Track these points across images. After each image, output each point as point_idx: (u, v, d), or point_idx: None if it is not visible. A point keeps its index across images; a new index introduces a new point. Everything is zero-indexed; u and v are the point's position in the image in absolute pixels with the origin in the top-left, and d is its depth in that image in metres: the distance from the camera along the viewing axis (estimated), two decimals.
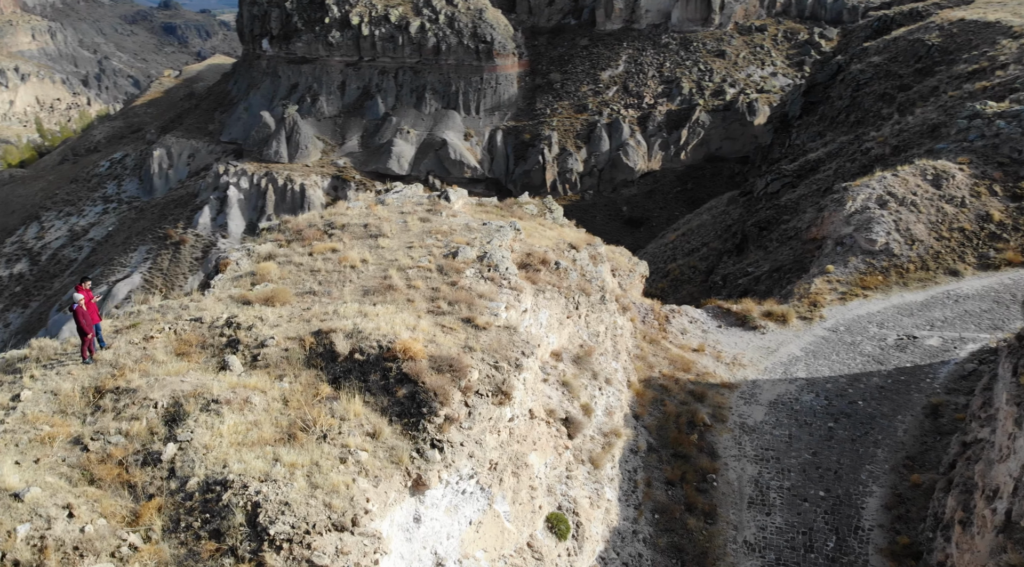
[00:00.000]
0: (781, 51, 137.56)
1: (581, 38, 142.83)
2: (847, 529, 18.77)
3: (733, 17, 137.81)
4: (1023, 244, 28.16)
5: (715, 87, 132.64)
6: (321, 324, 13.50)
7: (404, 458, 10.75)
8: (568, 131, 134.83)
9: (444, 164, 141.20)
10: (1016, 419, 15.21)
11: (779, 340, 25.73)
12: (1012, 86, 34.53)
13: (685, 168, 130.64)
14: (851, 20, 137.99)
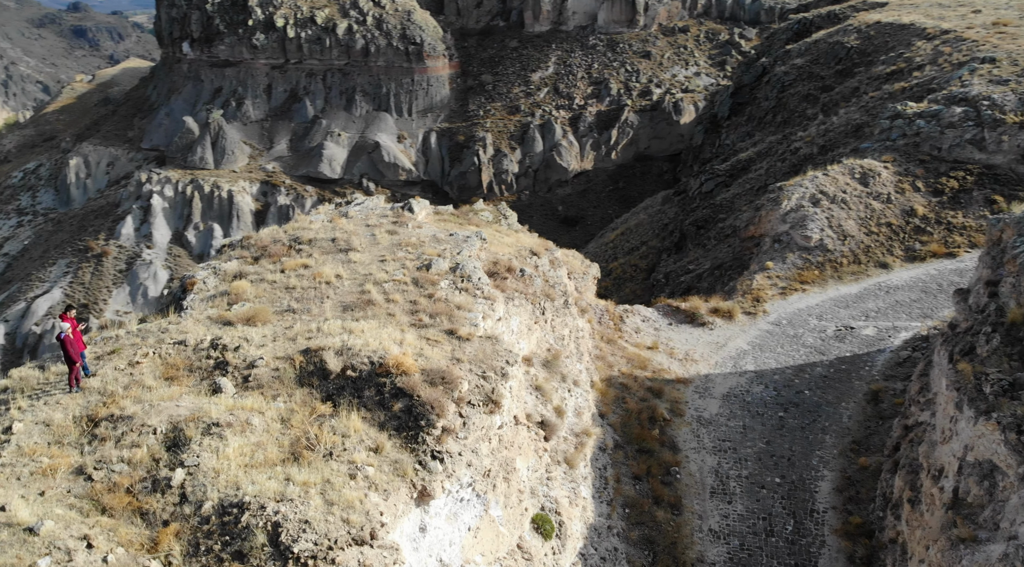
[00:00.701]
0: (704, 51, 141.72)
1: (510, 40, 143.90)
2: (803, 512, 20.00)
3: (657, 19, 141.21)
4: (945, 237, 30.29)
5: (642, 87, 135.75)
6: (308, 342, 13.72)
7: (408, 471, 11.15)
8: (502, 132, 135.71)
9: (378, 167, 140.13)
10: (957, 403, 16.59)
11: (727, 335, 27.00)
12: (929, 86, 36.98)
13: (616, 167, 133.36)
14: (768, 21, 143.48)
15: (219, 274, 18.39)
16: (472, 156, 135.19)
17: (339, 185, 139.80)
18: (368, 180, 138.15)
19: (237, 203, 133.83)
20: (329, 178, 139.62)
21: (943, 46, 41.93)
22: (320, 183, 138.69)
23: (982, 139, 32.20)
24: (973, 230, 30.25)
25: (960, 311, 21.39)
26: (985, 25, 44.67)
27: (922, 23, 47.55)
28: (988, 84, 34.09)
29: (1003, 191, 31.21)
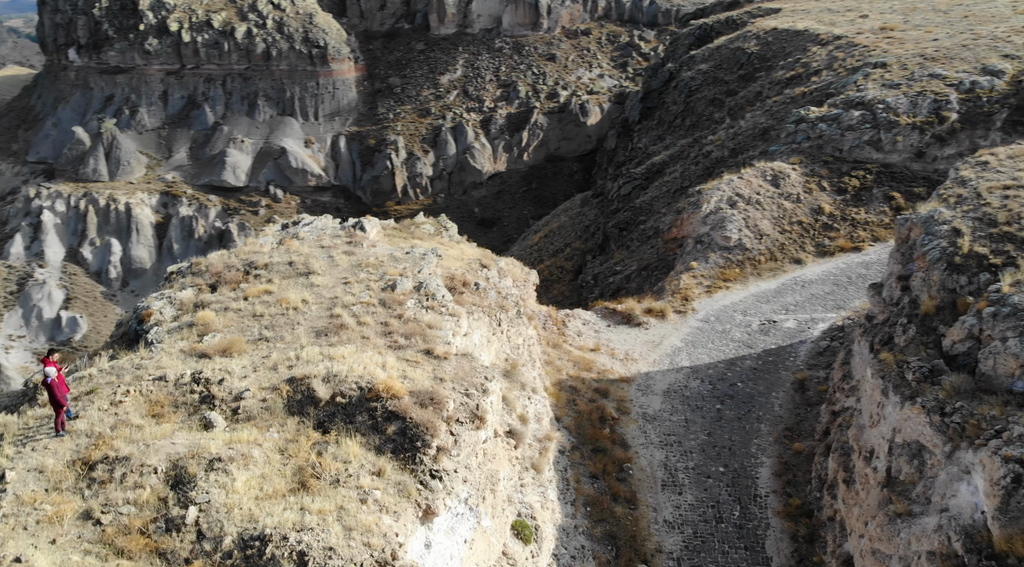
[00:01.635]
0: (606, 54, 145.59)
1: (417, 42, 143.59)
2: (747, 498, 21.56)
3: (560, 21, 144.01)
4: (851, 232, 32.88)
5: (549, 90, 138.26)
6: (290, 371, 13.98)
7: (412, 491, 11.68)
8: (414, 135, 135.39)
9: (285, 173, 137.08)
10: (883, 390, 18.40)
11: (661, 334, 28.51)
12: (828, 91, 39.87)
13: (529, 168, 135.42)
14: (665, 23, 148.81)
15: (175, 304, 18.23)
16: (384, 160, 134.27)
17: (245, 193, 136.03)
18: (275, 187, 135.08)
19: (136, 216, 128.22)
20: (234, 186, 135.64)
21: (837, 51, 45.22)
22: (224, 192, 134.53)
23: (879, 140, 35.13)
24: (875, 225, 32.99)
25: (875, 304, 23.52)
26: (873, 30, 48.39)
27: (815, 29, 51.00)
28: (881, 88, 37.18)
29: (899, 188, 34.18)
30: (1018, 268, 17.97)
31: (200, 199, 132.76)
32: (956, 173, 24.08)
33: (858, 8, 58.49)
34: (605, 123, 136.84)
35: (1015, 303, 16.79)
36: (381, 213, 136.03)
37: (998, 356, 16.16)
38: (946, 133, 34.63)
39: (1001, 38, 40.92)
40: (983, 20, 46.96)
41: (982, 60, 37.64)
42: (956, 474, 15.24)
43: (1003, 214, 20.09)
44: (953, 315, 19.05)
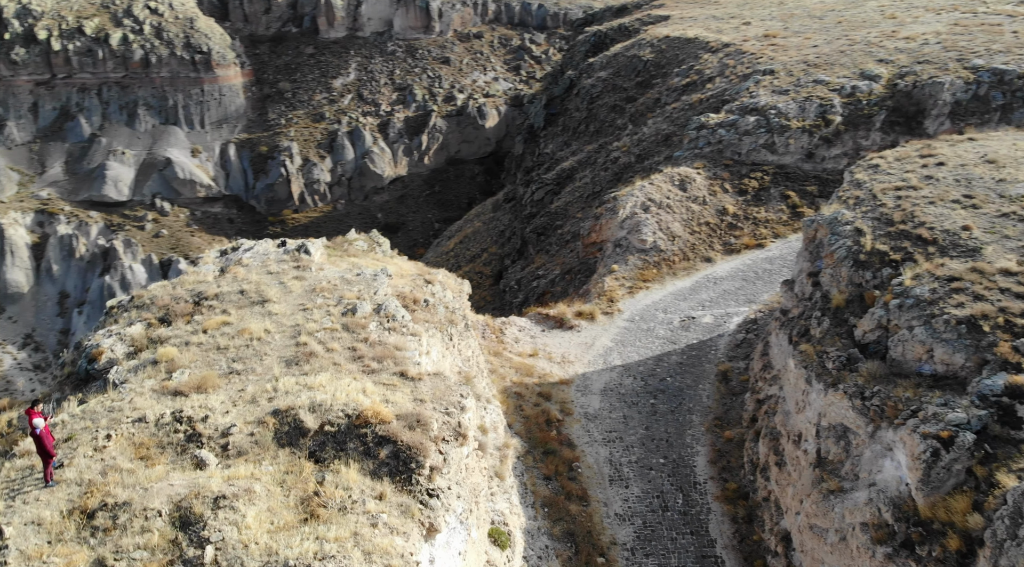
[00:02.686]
0: (499, 57, 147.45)
1: (306, 46, 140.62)
2: (688, 486, 23.19)
3: (452, 25, 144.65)
4: (754, 230, 35.44)
5: (446, 93, 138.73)
6: (272, 404, 14.23)
7: (415, 511, 12.29)
8: (309, 141, 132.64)
9: (172, 184, 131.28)
10: (806, 378, 20.35)
11: (593, 335, 29.93)
12: (723, 98, 42.58)
13: (430, 172, 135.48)
14: (554, 26, 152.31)
15: (125, 340, 17.92)
16: (279, 167, 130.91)
17: (129, 208, 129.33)
18: (162, 200, 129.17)
19: (9, 237, 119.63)
20: (116, 201, 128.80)
21: (727, 59, 48.25)
22: (106, 207, 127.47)
23: (773, 143, 37.99)
24: (775, 223, 35.71)
25: (788, 299, 25.72)
26: (758, 37, 51.86)
27: (705, 37, 54.09)
28: (772, 94, 40.14)
29: (793, 187, 37.11)
30: (916, 263, 20.30)
31: (80, 216, 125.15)
32: (851, 176, 26.62)
33: (740, 15, 62.36)
34: (503, 125, 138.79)
35: (917, 295, 19.01)
36: (278, 222, 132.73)
37: (906, 343, 18.30)
38: (832, 135, 37.90)
39: (874, 43, 44.97)
40: (855, 26, 51.30)
41: (860, 65, 41.33)
42: (880, 451, 17.21)
43: (898, 214, 22.54)
44: (862, 307, 21.27)
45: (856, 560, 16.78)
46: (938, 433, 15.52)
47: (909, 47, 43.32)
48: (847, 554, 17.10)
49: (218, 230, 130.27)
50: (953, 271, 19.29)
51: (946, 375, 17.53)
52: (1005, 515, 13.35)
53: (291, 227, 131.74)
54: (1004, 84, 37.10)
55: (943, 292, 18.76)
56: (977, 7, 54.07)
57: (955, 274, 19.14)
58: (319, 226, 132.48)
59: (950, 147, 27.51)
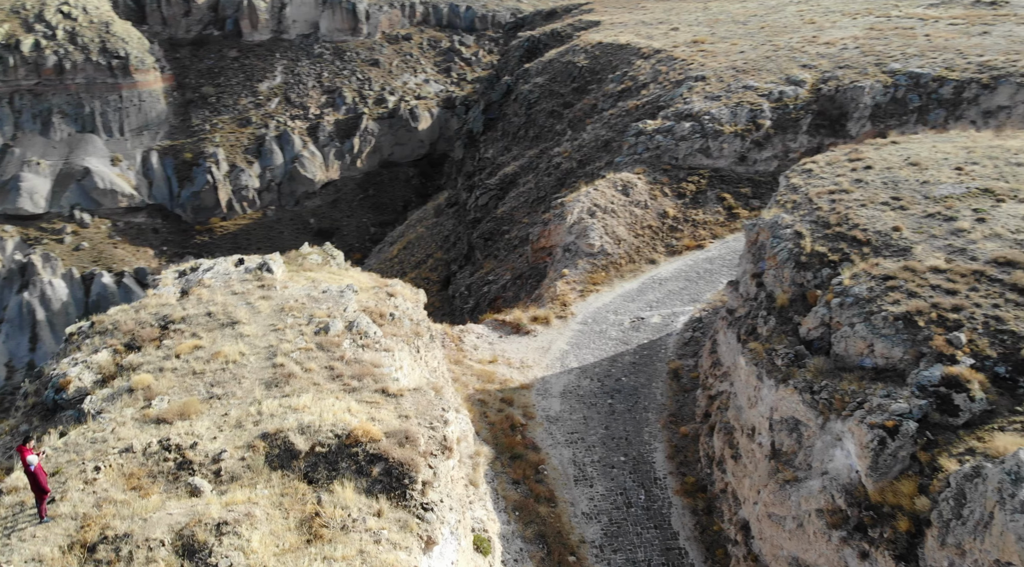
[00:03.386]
0: (429, 59, 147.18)
1: (229, 49, 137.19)
2: (649, 481, 24.23)
3: (380, 27, 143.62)
4: (693, 232, 36.92)
5: (376, 95, 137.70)
6: (259, 427, 14.41)
7: (413, 526, 12.74)
8: (235, 146, 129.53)
9: (92, 195, 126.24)
10: (757, 375, 21.59)
11: (549, 339, 30.74)
12: (658, 104, 44.07)
13: (363, 175, 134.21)
14: (483, 28, 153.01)
15: (92, 368, 17.70)
16: (204, 174, 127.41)
17: (46, 220, 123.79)
18: (81, 211, 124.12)
19: None
20: (32, 214, 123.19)
21: (659, 65, 49.86)
22: (21, 220, 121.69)
23: (708, 148, 39.62)
24: (713, 224, 37.29)
25: (733, 299, 27.07)
26: (687, 43, 53.73)
27: (637, 43, 55.66)
28: (705, 100, 41.81)
29: (728, 189, 38.80)
30: (853, 263, 21.78)
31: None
32: (787, 180, 28.19)
33: (668, 20, 64.37)
34: (436, 127, 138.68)
35: (856, 294, 20.44)
36: (206, 231, 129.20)
37: (848, 339, 19.67)
38: (762, 138, 39.79)
39: (797, 49, 47.29)
40: (778, 31, 53.76)
41: (785, 71, 43.44)
42: (830, 442, 18.50)
43: (834, 217, 24.07)
44: (805, 306, 22.68)
45: (813, 545, 18.03)
46: (883, 423, 16.82)
47: (830, 52, 45.76)
48: (805, 539, 18.34)
49: (142, 241, 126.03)
50: (887, 270, 20.78)
51: (886, 368, 18.92)
52: (949, 497, 14.67)
53: (220, 235, 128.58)
54: (920, 87, 39.71)
55: (880, 290, 20.21)
56: (890, 11, 57.37)
57: (889, 273, 20.62)
58: (249, 233, 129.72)
59: (875, 151, 29.41)
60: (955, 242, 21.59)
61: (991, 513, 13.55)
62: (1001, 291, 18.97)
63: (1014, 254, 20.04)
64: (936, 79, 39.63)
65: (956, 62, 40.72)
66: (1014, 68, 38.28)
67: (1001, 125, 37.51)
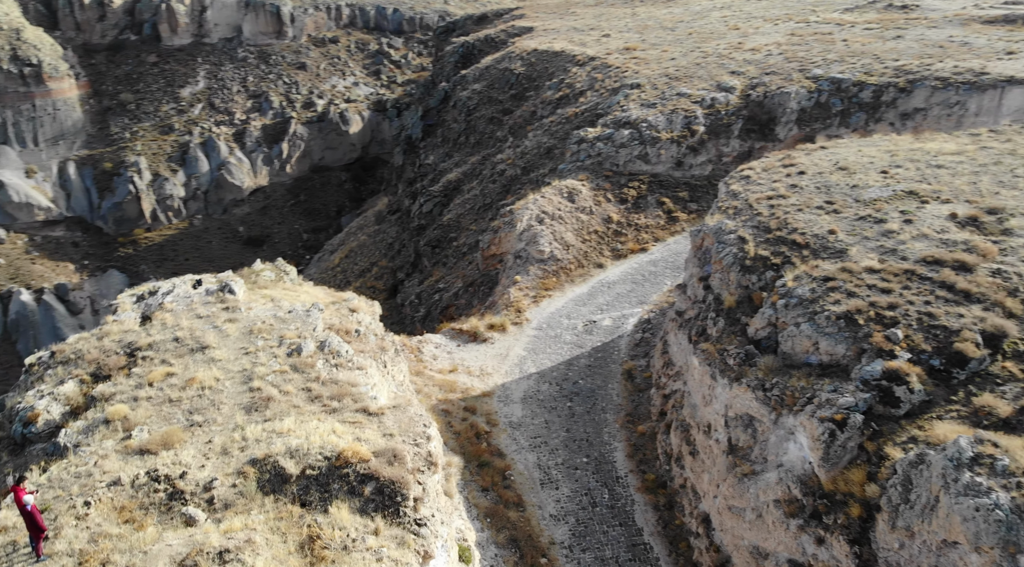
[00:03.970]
0: (358, 61, 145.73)
1: (148, 54, 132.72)
2: (611, 481, 25.16)
3: (305, 30, 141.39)
4: (636, 235, 38.18)
5: (305, 99, 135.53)
6: (245, 453, 14.57)
7: (410, 542, 13.18)
8: (158, 155, 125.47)
9: (6, 209, 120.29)
10: (711, 375, 22.75)
11: (506, 346, 31.39)
12: (596, 111, 45.25)
13: (294, 181, 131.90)
14: (411, 30, 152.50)
15: (60, 400, 17.43)
16: (126, 184, 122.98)
17: None
18: None
19: None
20: None
21: (595, 73, 51.12)
22: None
23: (646, 154, 41.00)
24: (654, 228, 38.65)
25: (681, 301, 28.30)
26: (620, 50, 55.17)
27: (571, 50, 56.84)
28: (641, 108, 43.21)
29: (667, 193, 40.26)
30: (795, 266, 23.18)
31: None
32: (727, 187, 29.61)
33: (599, 27, 65.86)
34: (368, 131, 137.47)
35: (799, 295, 21.80)
36: (130, 243, 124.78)
37: (794, 338, 20.99)
38: (697, 144, 41.43)
39: (725, 55, 49.27)
40: (705, 37, 55.80)
41: (715, 78, 45.26)
42: (784, 436, 19.75)
43: (774, 221, 25.50)
44: (751, 307, 24.00)
45: (773, 533, 19.23)
46: (832, 416, 18.10)
47: (756, 58, 47.88)
48: (764, 529, 19.53)
49: (62, 255, 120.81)
50: (827, 271, 22.21)
51: (831, 364, 20.29)
52: (897, 483, 15.99)
53: (144, 247, 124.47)
54: (841, 91, 42.07)
55: (821, 291, 21.61)
56: (808, 16, 60.22)
57: (829, 274, 22.05)
58: (175, 244, 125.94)
59: (807, 156, 31.16)
60: (886, 243, 23.16)
61: (937, 497, 14.87)
62: (931, 288, 20.54)
63: (941, 253, 21.71)
64: (856, 84, 42.06)
65: (874, 67, 43.29)
66: (928, 72, 41.01)
67: (918, 126, 40.14)
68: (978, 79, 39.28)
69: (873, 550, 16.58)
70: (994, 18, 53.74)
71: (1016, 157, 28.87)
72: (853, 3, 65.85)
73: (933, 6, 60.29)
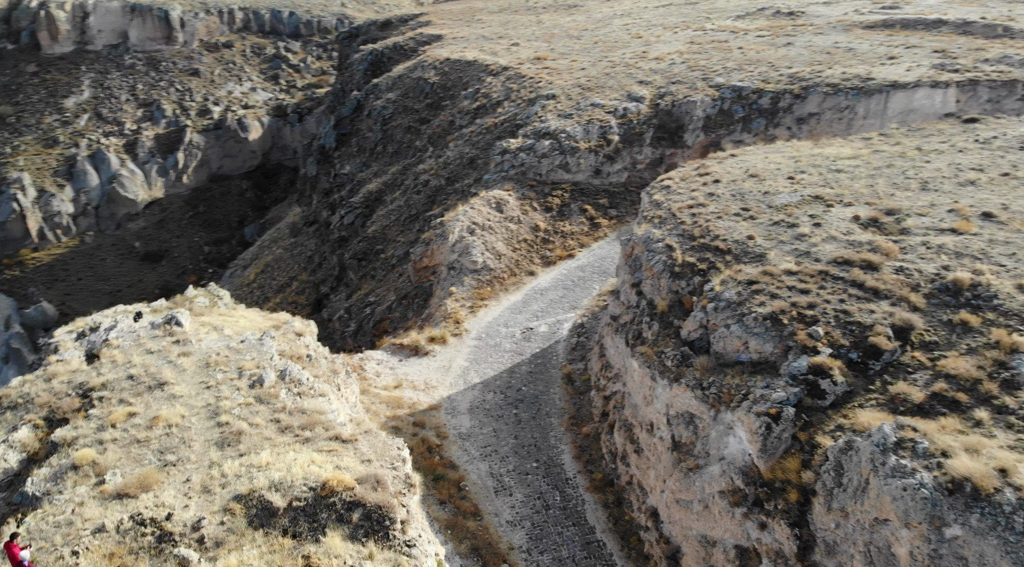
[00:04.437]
0: (254, 66, 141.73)
1: (26, 64, 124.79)
2: (562, 482, 26.31)
3: (197, 35, 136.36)
4: (563, 242, 39.57)
5: (199, 106, 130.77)
6: (228, 490, 14.77)
7: (404, 563, 13.78)
8: (43, 169, 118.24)
9: None
10: (651, 376, 24.20)
11: (448, 358, 32.03)
12: (515, 122, 46.36)
13: (191, 192, 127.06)
14: (308, 34, 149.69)
15: (16, 447, 16.98)
16: (9, 202, 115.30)
17: None
18: None
19: None
20: None
21: (510, 83, 52.23)
22: None
23: (567, 164, 42.47)
24: (579, 234, 40.14)
25: (615, 306, 29.77)
26: (531, 59, 56.50)
27: (484, 60, 57.74)
28: (559, 118, 44.65)
29: (588, 201, 41.85)
30: (720, 271, 24.94)
31: None
32: (649, 196, 31.28)
33: (507, 35, 67.06)
34: (268, 137, 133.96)
35: (727, 298, 23.53)
36: (16, 264, 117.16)
37: (726, 339, 22.68)
38: (613, 153, 43.24)
39: (632, 65, 51.42)
40: (611, 46, 57.90)
41: (625, 88, 47.26)
42: (723, 431, 21.37)
43: (697, 230, 27.26)
44: (683, 311, 25.65)
45: (719, 522, 20.82)
46: (768, 410, 19.79)
47: (661, 68, 50.24)
48: (711, 518, 21.10)
49: None
50: (750, 275, 24.03)
51: (760, 361, 22.07)
52: (829, 469, 17.75)
53: (32, 268, 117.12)
54: (742, 99, 44.84)
55: (747, 294, 23.39)
56: (704, 24, 63.39)
57: (752, 278, 23.87)
58: (67, 264, 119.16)
59: (719, 164, 33.26)
60: (800, 246, 25.22)
61: (867, 480, 16.67)
62: (844, 287, 22.60)
63: (849, 254, 23.88)
64: (755, 91, 44.94)
65: (770, 74, 46.35)
66: (820, 78, 44.32)
67: (813, 129, 43.33)
68: (865, 85, 42.81)
69: (812, 531, 18.30)
70: (874, 23, 58.31)
71: (906, 159, 31.84)
72: (744, 10, 69.76)
73: (817, 12, 64.74)
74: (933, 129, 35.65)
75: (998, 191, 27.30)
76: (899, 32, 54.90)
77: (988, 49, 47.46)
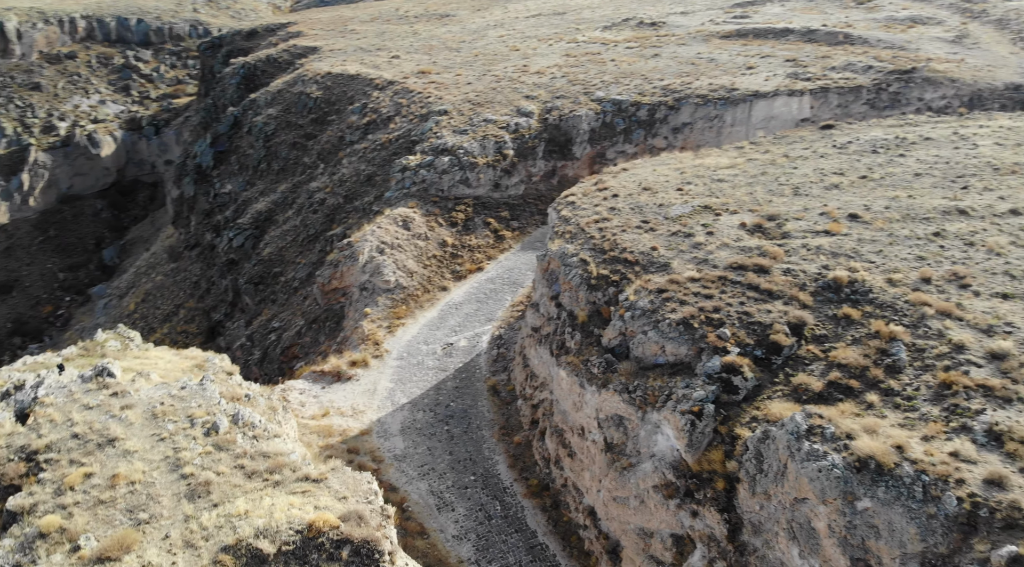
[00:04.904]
0: (102, 77, 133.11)
1: None
2: (500, 492, 27.60)
3: (36, 46, 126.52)
4: (471, 256, 40.76)
5: (43, 123, 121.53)
6: (213, 543, 15.03)
7: None
8: None
9: None
10: (580, 384, 25.94)
11: (372, 381, 32.47)
12: (411, 138, 46.93)
13: (40, 215, 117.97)
14: (160, 42, 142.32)
15: None
16: None
17: None
18: None
19: None
20: None
21: (398, 98, 52.63)
22: None
23: (467, 179, 43.65)
24: (485, 247, 41.47)
25: (535, 318, 31.36)
26: (415, 73, 57.07)
27: (367, 73, 57.69)
28: (454, 134, 45.71)
29: (491, 214, 43.26)
30: (631, 281, 27.05)
31: None
32: (558, 212, 33.09)
33: (385, 47, 67.17)
34: (123, 152, 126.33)
35: (641, 307, 25.62)
36: None
37: (644, 344, 24.76)
38: (509, 167, 44.89)
39: (515, 79, 53.23)
40: (491, 59, 59.49)
41: (513, 103, 48.99)
42: (651, 430, 23.41)
43: (606, 243, 29.30)
44: (602, 321, 27.59)
45: (655, 515, 22.83)
46: (691, 409, 21.94)
47: (543, 82, 52.41)
48: (647, 512, 23.09)
49: None
50: (659, 284, 26.23)
51: (677, 363, 24.28)
52: (751, 457, 20.06)
53: None
54: (622, 111, 47.70)
55: (659, 302, 25.56)
56: (575, 35, 66.29)
57: (661, 286, 26.07)
58: None
59: (614, 179, 35.57)
60: (698, 254, 27.70)
61: (785, 464, 19.06)
62: (742, 290, 25.16)
63: (742, 259, 26.54)
64: (633, 104, 47.95)
65: (645, 87, 49.55)
66: (690, 90, 47.90)
67: (687, 138, 46.81)
68: (730, 95, 46.75)
69: (739, 514, 20.56)
70: (729, 33, 63.21)
71: (776, 166, 35.34)
72: (609, 20, 73.45)
73: (677, 23, 69.27)
74: (796, 136, 39.62)
75: (859, 193, 30.99)
76: (752, 42, 59.88)
77: (833, 56, 52.91)
